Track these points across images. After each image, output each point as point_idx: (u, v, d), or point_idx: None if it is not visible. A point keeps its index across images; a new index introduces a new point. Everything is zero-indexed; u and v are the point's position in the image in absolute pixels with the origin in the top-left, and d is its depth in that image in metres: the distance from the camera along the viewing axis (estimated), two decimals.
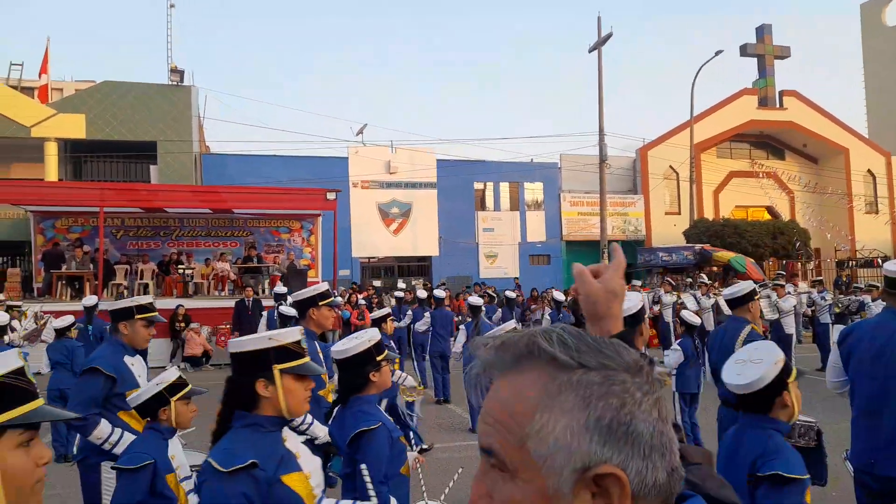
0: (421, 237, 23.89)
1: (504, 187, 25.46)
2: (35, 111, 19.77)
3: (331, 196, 15.67)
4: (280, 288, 11.58)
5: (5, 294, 13.61)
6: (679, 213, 26.53)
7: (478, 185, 25.04)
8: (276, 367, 1.90)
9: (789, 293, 11.79)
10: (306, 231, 18.54)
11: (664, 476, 0.63)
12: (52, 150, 19.91)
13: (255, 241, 17.43)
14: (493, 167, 24.99)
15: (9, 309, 10.22)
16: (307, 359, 2.02)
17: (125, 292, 13.97)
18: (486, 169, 24.86)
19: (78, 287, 13.98)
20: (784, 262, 22.47)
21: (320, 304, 3.88)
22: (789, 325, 11.07)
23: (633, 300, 2.92)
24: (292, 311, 5.59)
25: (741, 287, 4.44)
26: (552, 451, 0.61)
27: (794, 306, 11.64)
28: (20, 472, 1.22)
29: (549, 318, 10.00)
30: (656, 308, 14.03)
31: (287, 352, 1.95)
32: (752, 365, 2.27)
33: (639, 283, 16.69)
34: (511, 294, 11.91)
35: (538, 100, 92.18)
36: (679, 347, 6.53)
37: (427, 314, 9.86)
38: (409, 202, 23.92)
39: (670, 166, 26.49)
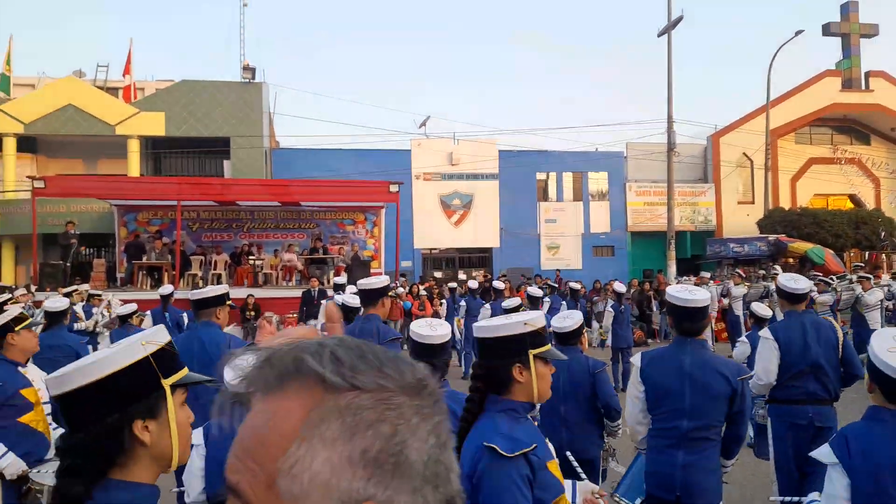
0: (482, 228, 23.90)
1: (567, 177, 25.11)
2: (119, 110, 21.00)
3: (394, 188, 15.91)
4: (339, 278, 11.90)
5: (91, 284, 14.58)
6: (752, 203, 25.40)
7: (540, 176, 24.79)
8: (531, 352, 1.91)
9: (875, 286, 11.12)
10: (370, 223, 18.89)
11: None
12: (134, 147, 21.12)
13: (321, 233, 17.91)
14: (555, 157, 24.68)
15: (90, 297, 10.92)
16: (550, 345, 2.03)
17: (200, 282, 14.67)
18: (549, 159, 24.57)
19: (157, 277, 14.78)
20: (867, 253, 21.16)
21: (389, 294, 4.07)
22: (874, 321, 10.41)
23: (702, 294, 2.92)
24: (356, 301, 5.77)
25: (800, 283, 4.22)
26: (306, 491, 0.51)
27: (881, 300, 10.98)
28: (185, 425, 1.43)
29: (611, 309, 9.80)
30: (725, 301, 13.54)
31: (539, 336, 1.96)
32: None
33: (708, 275, 16.11)
34: (575, 286, 11.79)
35: (603, 87, 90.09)
36: (746, 340, 6.31)
37: (488, 305, 9.90)
38: (471, 193, 23.95)
39: (744, 153, 25.36)
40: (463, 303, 9.74)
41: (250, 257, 16.47)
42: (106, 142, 21.35)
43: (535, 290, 8.45)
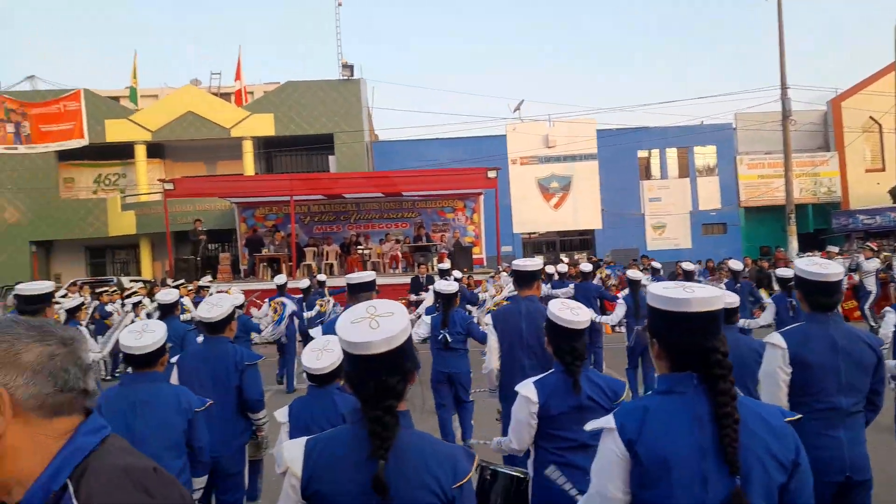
0: (582, 210, 23.49)
1: (671, 153, 24.10)
2: (233, 114, 22.50)
3: (491, 174, 16.01)
4: (443, 264, 12.17)
5: (219, 276, 15.83)
6: (883, 170, 23.22)
7: (642, 154, 23.96)
8: None
9: None
10: (469, 209, 19.13)
11: (51, 390, 1.02)
12: (248, 148, 22.58)
13: (423, 222, 18.37)
14: (658, 133, 23.73)
15: (199, 289, 11.78)
16: None
17: (316, 272, 15.52)
18: (651, 135, 23.67)
19: (276, 268, 15.79)
20: None
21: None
22: None
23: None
24: (452, 288, 6.00)
25: None
26: None
27: None
28: None
29: (724, 287, 9.37)
30: (855, 276, 12.55)
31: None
32: None
33: (836, 249, 14.96)
34: (689, 266, 11.37)
35: (707, 57, 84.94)
36: (893, 309, 5.89)
37: (571, 286, 9.80)
38: (569, 175, 23.58)
39: (871, 117, 23.18)
40: (571, 287, 9.62)
41: (358, 247, 17.20)
42: (223, 144, 22.97)
43: (635, 273, 8.14)
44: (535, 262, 4.22)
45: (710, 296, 1.59)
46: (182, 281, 12.57)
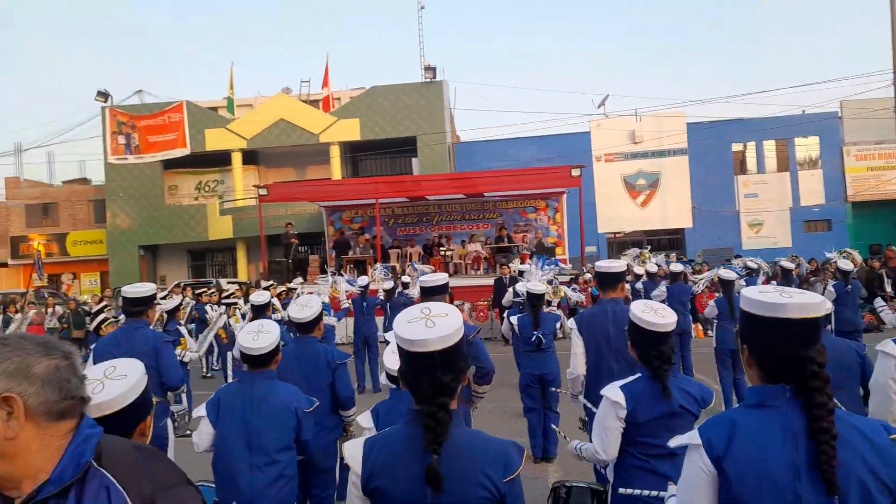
0: (671, 208, 22.61)
1: (769, 146, 22.74)
2: (321, 120, 23.32)
3: (575, 172, 15.70)
4: (524, 266, 12.05)
5: (309, 278, 16.45)
6: None
7: (736, 147, 22.76)
8: None
9: None
10: (551, 209, 18.87)
11: (57, 398, 1.18)
12: (335, 153, 23.34)
13: (505, 222, 18.30)
14: (754, 125, 22.45)
15: (288, 291, 12.18)
16: None
17: (400, 273, 15.80)
18: (746, 127, 22.43)
19: (362, 269, 16.22)
20: None
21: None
22: None
23: None
24: (541, 288, 5.98)
25: None
26: None
27: None
28: None
29: (832, 290, 8.69)
30: None
31: None
32: None
33: None
34: (788, 265, 10.65)
35: (808, 42, 79.52)
36: None
37: (663, 286, 9.41)
38: (657, 172, 22.77)
39: None
40: (664, 287, 9.23)
41: (440, 248, 17.37)
42: (312, 149, 23.86)
43: (727, 273, 7.72)
44: (618, 264, 4.10)
45: (810, 302, 1.49)
46: (271, 282, 13.14)
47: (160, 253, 25.50)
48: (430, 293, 3.92)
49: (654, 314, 2.64)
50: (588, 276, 15.21)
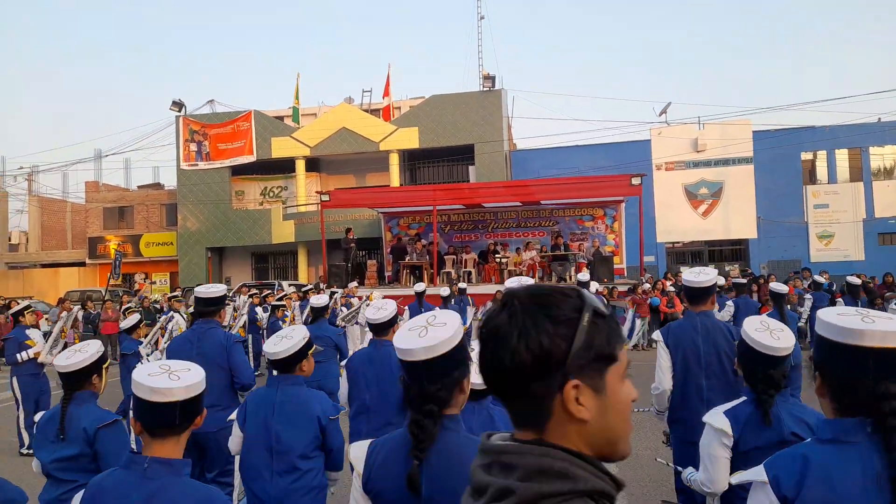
0: (735, 218, 21.96)
1: (841, 155, 21.81)
2: (381, 129, 23.84)
3: (635, 181, 15.50)
4: (582, 275, 11.98)
5: (367, 282, 16.84)
6: None
7: (805, 156, 21.93)
8: None
9: None
10: (609, 218, 18.65)
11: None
12: (394, 161, 23.81)
13: (561, 230, 18.19)
14: (824, 134, 21.59)
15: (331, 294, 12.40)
16: None
17: (455, 279, 15.99)
18: (816, 136, 21.59)
19: (418, 275, 16.47)
20: None
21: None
22: None
23: None
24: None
25: None
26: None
27: None
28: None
29: None
30: None
31: None
32: None
33: None
34: (855, 280, 10.21)
35: (882, 49, 75.47)
36: None
37: (730, 302, 9.15)
38: (721, 181, 22.18)
39: None
40: (731, 306, 8.87)
41: (496, 255, 17.44)
42: (371, 157, 24.41)
43: (778, 286, 7.27)
44: (708, 276, 3.71)
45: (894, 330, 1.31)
46: (334, 288, 13.54)
47: (226, 255, 26.56)
48: (375, 330, 3.89)
49: (769, 335, 2.38)
50: (647, 286, 14.99)
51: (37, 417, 3.04)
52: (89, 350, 3.01)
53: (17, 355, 7.01)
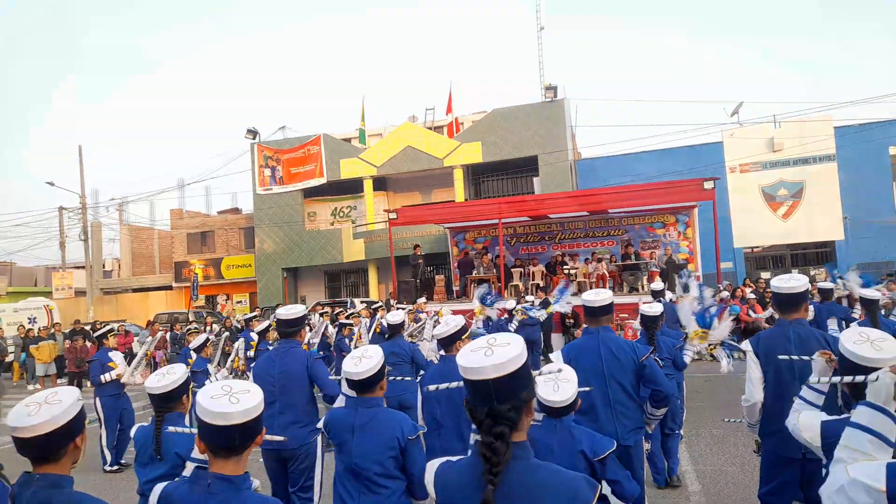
0: (819, 219, 20.82)
1: None
2: (445, 145, 24.16)
3: (708, 185, 14.94)
4: (656, 284, 11.65)
5: (435, 297, 17.02)
6: None
7: (894, 150, 20.57)
8: None
9: None
10: (681, 224, 18.08)
11: None
12: (458, 176, 24.03)
13: (631, 239, 17.79)
14: None
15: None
16: None
17: (522, 292, 15.93)
18: None
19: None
20: None
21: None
22: None
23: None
24: (656, 310, 5.69)
25: None
26: None
27: None
28: None
29: None
30: None
31: None
32: None
33: None
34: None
35: None
36: None
37: (811, 306, 8.62)
38: (801, 181, 21.12)
39: None
40: (810, 307, 8.38)
41: (564, 266, 17.24)
42: (436, 174, 24.74)
43: (869, 292, 6.63)
44: (799, 282, 3.54)
45: None
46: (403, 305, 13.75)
47: (300, 274, 27.49)
48: (595, 314, 3.88)
49: (870, 346, 2.19)
50: (725, 293, 14.40)
51: (132, 432, 3.22)
52: (177, 372, 3.19)
53: (101, 377, 7.34)
